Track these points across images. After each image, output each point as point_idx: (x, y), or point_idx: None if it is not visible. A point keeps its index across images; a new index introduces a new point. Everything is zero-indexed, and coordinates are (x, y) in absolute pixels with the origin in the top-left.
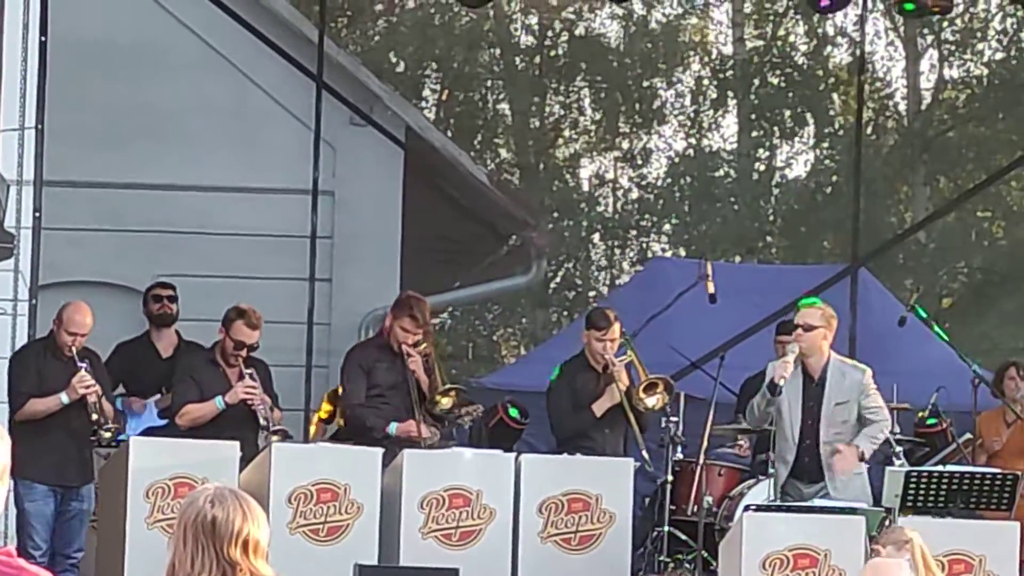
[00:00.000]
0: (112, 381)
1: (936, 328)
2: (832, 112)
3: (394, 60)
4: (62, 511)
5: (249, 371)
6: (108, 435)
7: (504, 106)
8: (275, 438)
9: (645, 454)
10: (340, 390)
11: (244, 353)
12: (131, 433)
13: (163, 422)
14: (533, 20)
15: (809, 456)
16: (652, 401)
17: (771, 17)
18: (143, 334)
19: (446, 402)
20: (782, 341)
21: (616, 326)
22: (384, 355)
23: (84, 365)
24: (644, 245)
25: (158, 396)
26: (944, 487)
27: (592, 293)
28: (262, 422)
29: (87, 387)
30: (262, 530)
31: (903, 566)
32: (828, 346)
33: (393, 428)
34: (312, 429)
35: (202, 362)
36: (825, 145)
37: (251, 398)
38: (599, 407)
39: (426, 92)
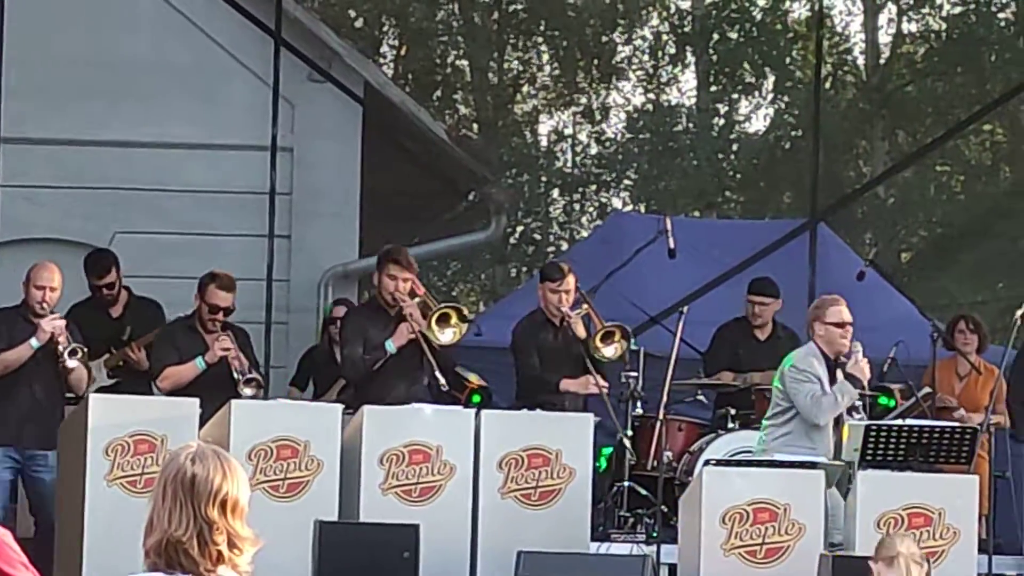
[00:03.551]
0: None
1: None
2: (791, 67)
3: (352, 16)
4: (32, 476)
5: (226, 332)
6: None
7: (463, 62)
8: (247, 390)
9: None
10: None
11: (220, 317)
12: None
13: (112, 381)
14: None
15: None
16: (610, 351)
17: None
18: (92, 295)
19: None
20: (754, 300)
21: (570, 278)
22: (377, 316)
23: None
24: (603, 200)
25: (107, 356)
26: (903, 441)
27: (551, 248)
28: (236, 375)
29: (55, 324)
30: (242, 491)
31: None
32: None
33: (390, 345)
34: None
35: (181, 329)
36: (784, 100)
37: (227, 353)
38: (564, 385)
39: (384, 48)
